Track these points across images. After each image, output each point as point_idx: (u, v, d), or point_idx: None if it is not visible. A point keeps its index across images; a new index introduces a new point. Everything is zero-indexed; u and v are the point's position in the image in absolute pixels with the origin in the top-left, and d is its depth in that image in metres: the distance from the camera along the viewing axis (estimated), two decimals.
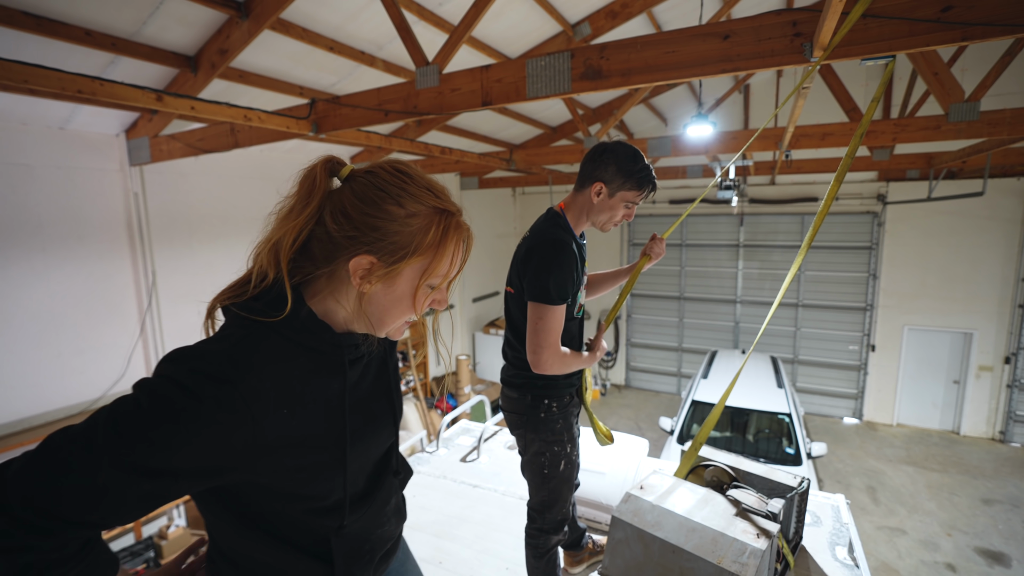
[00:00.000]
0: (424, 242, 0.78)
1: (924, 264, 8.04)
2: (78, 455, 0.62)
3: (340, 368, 0.83)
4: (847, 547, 2.11)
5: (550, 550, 1.85)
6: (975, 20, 1.70)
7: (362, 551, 0.91)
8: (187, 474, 0.67)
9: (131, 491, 0.64)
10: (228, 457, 0.69)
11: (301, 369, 0.77)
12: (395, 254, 0.77)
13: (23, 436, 3.48)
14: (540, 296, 1.57)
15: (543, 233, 1.65)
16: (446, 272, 0.83)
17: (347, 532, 0.87)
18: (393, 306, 0.82)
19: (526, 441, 1.77)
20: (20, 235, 3.55)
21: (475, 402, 4.38)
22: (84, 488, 0.62)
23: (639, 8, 4.57)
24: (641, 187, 1.63)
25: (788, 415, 5.32)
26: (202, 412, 0.66)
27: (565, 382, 1.75)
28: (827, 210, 1.63)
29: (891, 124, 4.04)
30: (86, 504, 0.62)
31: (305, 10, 3.44)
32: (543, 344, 1.58)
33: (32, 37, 2.81)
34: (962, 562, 5.23)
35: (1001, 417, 7.88)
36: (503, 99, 2.67)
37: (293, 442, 0.75)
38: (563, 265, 1.57)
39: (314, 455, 0.79)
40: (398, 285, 0.80)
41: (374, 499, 0.93)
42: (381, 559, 0.99)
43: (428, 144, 4.95)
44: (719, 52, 2.13)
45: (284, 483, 0.78)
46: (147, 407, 0.65)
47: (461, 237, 0.83)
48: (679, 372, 10.16)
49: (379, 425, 0.94)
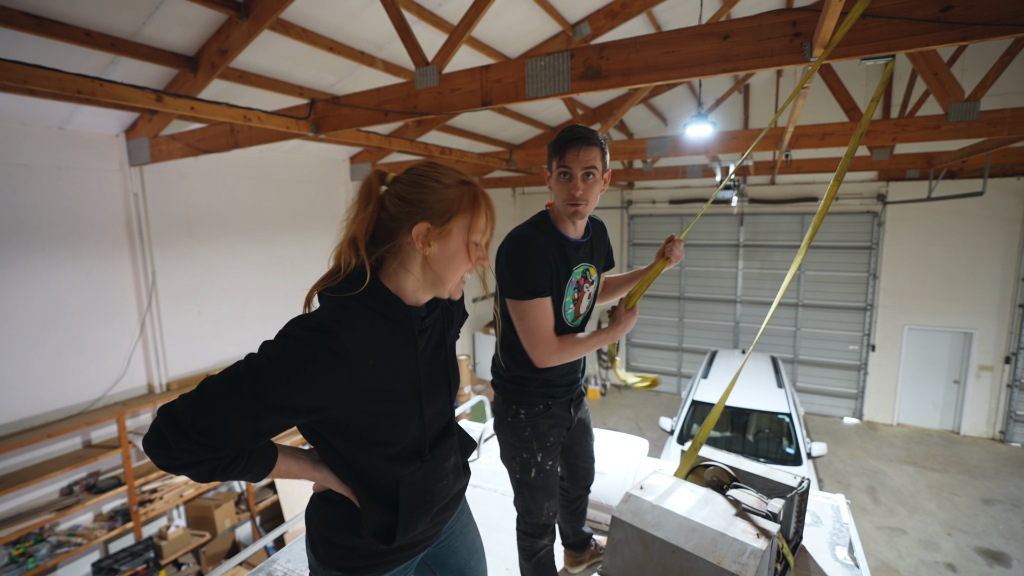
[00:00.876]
0: (462, 204, 1.01)
1: (924, 264, 8.04)
2: (229, 393, 0.85)
3: (411, 335, 1.04)
4: (847, 547, 2.10)
5: (537, 552, 1.84)
6: (975, 20, 1.70)
7: (423, 500, 1.10)
8: (304, 409, 0.90)
9: (265, 421, 0.87)
10: (333, 394, 0.91)
11: (381, 332, 0.99)
12: (443, 216, 1.00)
13: (23, 436, 3.47)
14: (508, 292, 1.57)
15: (513, 230, 1.63)
16: (484, 228, 1.05)
17: (411, 480, 1.07)
18: (450, 261, 1.03)
19: (500, 443, 1.78)
20: (20, 235, 3.55)
21: (475, 402, 4.38)
22: (234, 419, 0.85)
23: (639, 8, 4.57)
24: (557, 147, 1.54)
25: (788, 415, 5.32)
26: (317, 357, 0.88)
27: (538, 391, 1.69)
28: (827, 210, 1.63)
29: (891, 124, 4.03)
30: (235, 430, 0.86)
31: (305, 10, 3.44)
32: (532, 341, 1.56)
33: (32, 37, 2.80)
34: (962, 562, 5.23)
35: (1001, 417, 7.88)
36: (503, 99, 2.66)
37: (375, 389, 0.96)
38: (524, 259, 1.53)
39: (391, 403, 1.00)
40: (450, 243, 1.02)
41: (435, 454, 1.12)
42: (439, 510, 1.17)
43: (428, 144, 4.95)
44: (719, 52, 2.13)
45: (365, 426, 1.00)
46: (275, 357, 0.87)
47: (487, 200, 1.05)
48: (679, 372, 10.16)
49: (438, 390, 1.14)
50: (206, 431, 0.84)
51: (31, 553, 3.48)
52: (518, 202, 10.73)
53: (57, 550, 3.61)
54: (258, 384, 0.85)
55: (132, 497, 3.99)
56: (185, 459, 0.86)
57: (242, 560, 2.15)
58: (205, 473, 0.89)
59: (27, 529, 3.44)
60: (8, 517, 3.50)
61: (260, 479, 1.01)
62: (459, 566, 1.32)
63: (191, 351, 4.62)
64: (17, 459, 3.56)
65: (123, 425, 3.95)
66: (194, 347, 4.65)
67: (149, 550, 4.04)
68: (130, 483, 3.97)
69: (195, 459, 0.86)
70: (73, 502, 3.73)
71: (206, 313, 4.76)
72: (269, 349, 0.89)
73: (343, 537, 1.08)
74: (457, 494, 1.23)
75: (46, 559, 3.53)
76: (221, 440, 0.85)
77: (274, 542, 4.78)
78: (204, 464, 0.87)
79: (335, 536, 1.09)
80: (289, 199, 5.59)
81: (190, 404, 0.85)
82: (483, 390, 8.51)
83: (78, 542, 3.71)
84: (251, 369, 0.87)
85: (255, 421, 0.86)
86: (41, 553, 3.51)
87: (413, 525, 1.09)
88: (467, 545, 1.34)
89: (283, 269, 5.49)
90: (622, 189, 9.91)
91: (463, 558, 1.33)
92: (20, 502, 3.60)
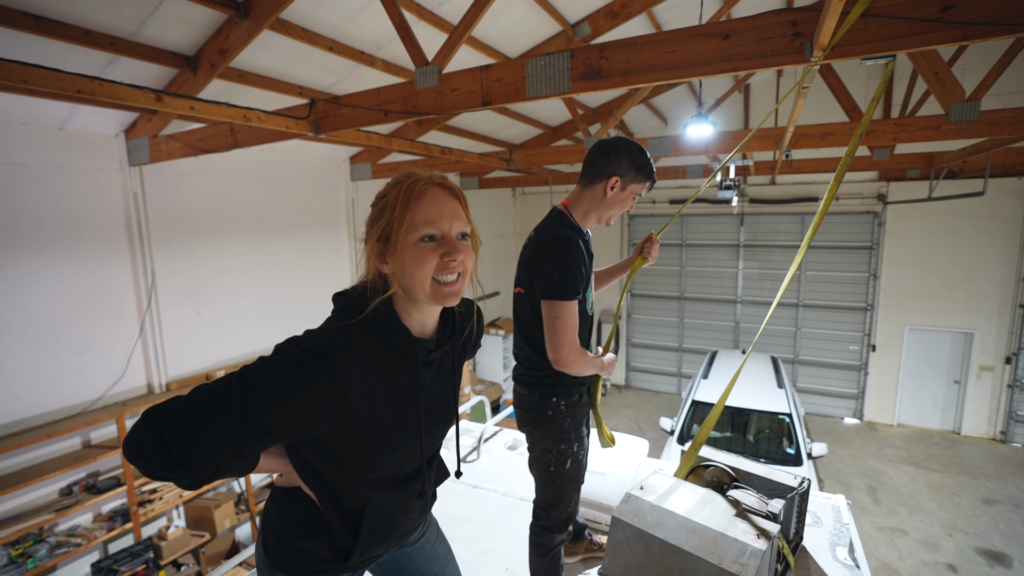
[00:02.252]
0: (396, 208, 0.95)
1: (925, 264, 8.04)
2: (215, 414, 0.82)
3: (414, 368, 1.01)
4: (847, 547, 2.10)
5: (554, 548, 1.86)
6: (975, 20, 1.69)
7: (384, 529, 1.09)
8: (291, 432, 0.88)
9: (250, 443, 0.85)
10: (321, 419, 0.88)
11: (381, 362, 0.96)
12: (384, 228, 0.96)
13: (23, 436, 3.47)
14: (551, 293, 1.60)
15: (549, 231, 1.68)
16: (424, 220, 0.95)
17: (378, 508, 1.05)
18: (411, 268, 0.95)
19: (533, 438, 1.80)
20: (19, 235, 3.55)
21: (475, 402, 4.37)
22: (219, 442, 0.82)
23: (639, 8, 4.56)
24: (649, 178, 1.72)
25: (788, 415, 5.31)
26: (311, 381, 0.85)
27: (574, 380, 1.75)
28: (827, 209, 1.63)
29: (891, 124, 4.03)
30: (219, 452, 0.83)
31: (305, 10, 3.44)
32: (563, 341, 1.60)
33: (31, 37, 2.80)
34: (963, 562, 5.22)
35: (1002, 417, 7.87)
36: (503, 99, 2.66)
37: (365, 420, 0.93)
38: (571, 261, 1.60)
39: (377, 435, 0.97)
40: (400, 250, 0.95)
41: (409, 486, 1.10)
42: (397, 539, 1.16)
43: (428, 144, 4.94)
44: (719, 52, 2.12)
45: (348, 451, 0.97)
46: (268, 378, 0.84)
47: (413, 189, 0.96)
48: (679, 372, 10.15)
49: (440, 424, 1.12)
50: (190, 451, 0.82)
51: (30, 553, 3.47)
52: (518, 202, 10.73)
53: (56, 550, 3.61)
54: (248, 406, 0.82)
55: (132, 497, 3.99)
56: (163, 475, 0.84)
57: (242, 560, 2.15)
58: (184, 485, 0.88)
59: (26, 529, 3.43)
60: (7, 517, 3.50)
61: (243, 475, 1.00)
62: (415, 572, 1.30)
63: (191, 351, 4.62)
64: (17, 459, 3.56)
65: (123, 425, 3.94)
66: (194, 347, 4.64)
67: (148, 550, 4.03)
68: (129, 483, 3.97)
69: (173, 476, 0.85)
70: (72, 502, 3.72)
71: (206, 313, 4.76)
72: (263, 367, 0.86)
73: (299, 539, 1.06)
74: (418, 525, 1.22)
75: (45, 559, 3.52)
76: (201, 461, 0.84)
77: None
78: (182, 480, 0.86)
79: (291, 537, 1.06)
80: (289, 199, 5.59)
81: (176, 419, 0.82)
82: (483, 390, 8.51)
83: (77, 542, 3.71)
84: (242, 389, 0.83)
85: (240, 443, 0.84)
86: (40, 553, 3.51)
87: (370, 550, 1.08)
88: (426, 553, 1.32)
89: (283, 269, 5.48)
90: None
91: (420, 565, 1.31)
92: (19, 502, 3.59)
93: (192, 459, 0.82)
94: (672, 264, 9.87)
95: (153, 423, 0.82)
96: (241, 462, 0.92)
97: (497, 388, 8.72)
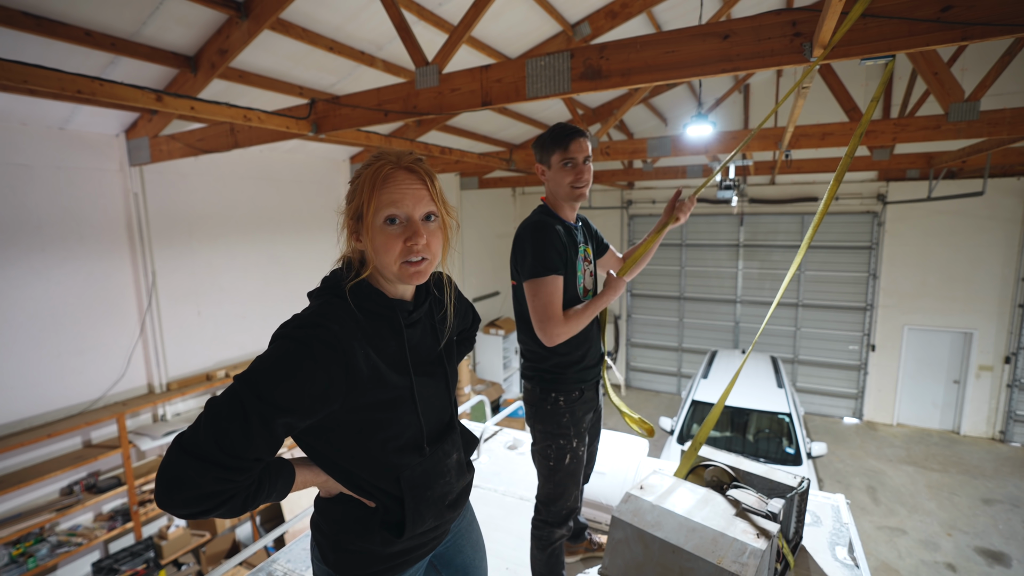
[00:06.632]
0: (364, 187, 0.99)
1: (924, 264, 8.04)
2: (237, 408, 0.85)
3: (399, 328, 1.06)
4: (847, 547, 2.10)
5: (554, 543, 1.88)
6: (975, 20, 1.70)
7: (426, 494, 1.11)
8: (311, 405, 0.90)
9: (279, 426, 0.88)
10: (335, 385, 0.92)
11: (367, 326, 1.01)
12: (356, 208, 1.01)
13: (23, 436, 3.47)
14: (529, 272, 1.66)
15: (527, 220, 1.78)
16: (388, 202, 0.98)
17: (411, 475, 1.08)
18: (380, 247, 1.00)
19: (535, 433, 1.84)
20: (19, 235, 3.55)
21: (475, 402, 4.38)
22: (254, 428, 0.85)
23: (639, 8, 4.57)
24: (556, 141, 1.73)
25: (788, 415, 5.32)
26: (313, 350, 0.90)
27: (575, 377, 1.79)
28: (826, 209, 1.63)
29: (891, 124, 4.03)
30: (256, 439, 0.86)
31: (305, 10, 3.44)
32: (544, 317, 1.65)
33: (32, 37, 2.80)
34: (962, 562, 5.23)
35: (1001, 417, 7.88)
36: (503, 99, 2.66)
37: (372, 378, 0.98)
38: (544, 240, 1.67)
39: (387, 391, 1.01)
40: (371, 229, 1.00)
41: (435, 450, 1.13)
42: (447, 507, 1.18)
43: (428, 144, 4.95)
44: (719, 52, 2.13)
45: (365, 421, 1.00)
46: (273, 361, 0.89)
47: (380, 172, 0.99)
48: (679, 372, 10.16)
49: (433, 383, 1.14)
50: (230, 448, 0.84)
51: (31, 553, 3.48)
52: (518, 202, 10.73)
53: (57, 550, 3.61)
54: (262, 391, 0.86)
55: (132, 497, 3.99)
56: (215, 489, 0.84)
57: (242, 560, 2.15)
58: (237, 504, 0.88)
59: (27, 529, 3.44)
60: (8, 517, 3.50)
61: (285, 495, 1.01)
62: (464, 565, 1.33)
63: (191, 351, 4.62)
64: (17, 459, 3.56)
65: (123, 425, 3.95)
66: (194, 347, 4.64)
67: (149, 550, 4.04)
68: (130, 483, 3.97)
69: (225, 489, 0.85)
70: (73, 502, 3.73)
71: (206, 313, 4.76)
72: (267, 355, 0.90)
73: (354, 540, 1.08)
74: (462, 491, 1.24)
75: (46, 559, 3.53)
76: (245, 451, 0.85)
77: (274, 542, 4.78)
78: (235, 498, 0.87)
79: (346, 540, 1.08)
80: (289, 199, 5.59)
81: (205, 429, 0.84)
82: (483, 390, 8.51)
83: (78, 542, 3.71)
84: (251, 380, 0.87)
85: (271, 425, 0.86)
86: (41, 553, 3.51)
87: (421, 519, 1.10)
88: (472, 543, 1.35)
89: (283, 269, 5.49)
90: (622, 189, 9.91)
91: (468, 556, 1.34)
92: (20, 502, 3.60)
93: (236, 455, 0.84)
94: (672, 264, 9.87)
95: (183, 449, 0.84)
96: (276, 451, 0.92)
97: (497, 388, 8.71)
